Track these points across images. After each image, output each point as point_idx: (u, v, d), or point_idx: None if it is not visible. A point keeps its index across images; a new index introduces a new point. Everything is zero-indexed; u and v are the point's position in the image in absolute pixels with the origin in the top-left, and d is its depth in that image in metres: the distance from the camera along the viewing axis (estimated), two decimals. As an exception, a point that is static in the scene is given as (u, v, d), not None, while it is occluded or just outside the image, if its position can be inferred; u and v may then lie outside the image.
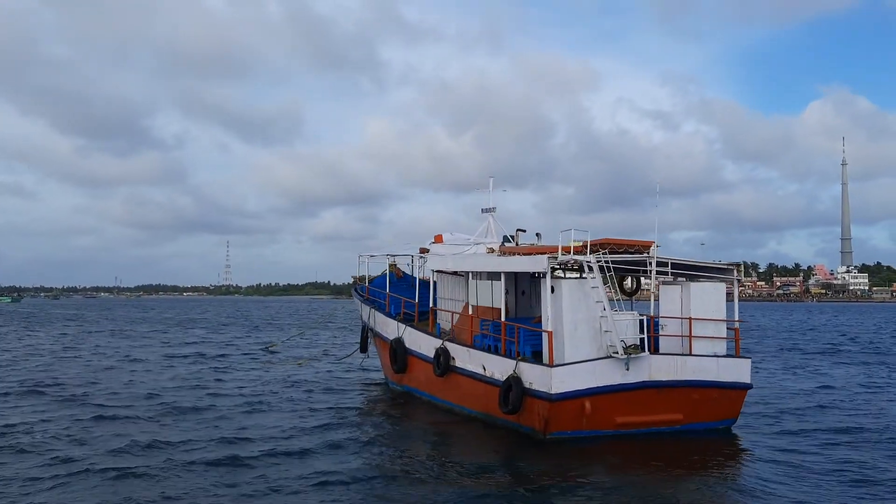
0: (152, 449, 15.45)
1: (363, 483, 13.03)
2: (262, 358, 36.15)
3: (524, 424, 17.09)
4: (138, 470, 13.61)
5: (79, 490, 12.39)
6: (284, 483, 12.85)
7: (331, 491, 12.47)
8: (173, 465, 14.03)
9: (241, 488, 12.53)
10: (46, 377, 27.26)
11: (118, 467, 13.78)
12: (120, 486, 12.58)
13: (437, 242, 24.61)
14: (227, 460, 14.42)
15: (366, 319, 26.83)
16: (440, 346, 20.70)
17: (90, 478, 13.10)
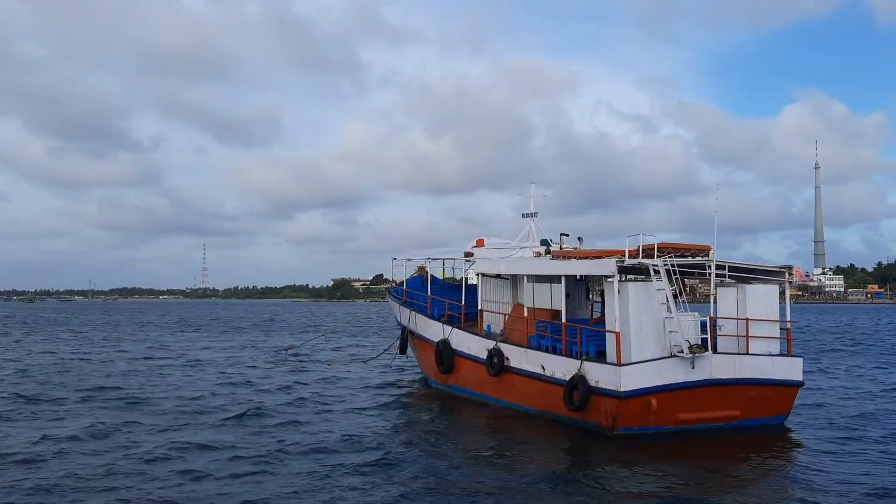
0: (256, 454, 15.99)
1: (440, 479, 13.49)
2: (289, 359, 36.55)
3: (589, 421, 17.81)
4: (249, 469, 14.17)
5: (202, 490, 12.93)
6: (368, 481, 13.27)
7: (407, 487, 12.86)
8: (284, 466, 14.59)
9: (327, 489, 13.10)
10: (123, 383, 26.92)
11: (236, 471, 14.32)
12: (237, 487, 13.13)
13: (478, 246, 25.32)
14: (310, 459, 14.98)
15: (405, 322, 27.42)
16: (493, 347, 21.39)
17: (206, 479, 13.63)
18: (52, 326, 76.12)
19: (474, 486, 12.95)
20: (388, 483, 13.11)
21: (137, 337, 57.39)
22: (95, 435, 17.11)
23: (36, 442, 16.31)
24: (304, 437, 17.19)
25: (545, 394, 19.40)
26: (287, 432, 17.74)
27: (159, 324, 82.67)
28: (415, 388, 26.35)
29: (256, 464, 14.46)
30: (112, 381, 27.32)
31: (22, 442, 16.39)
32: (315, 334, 54.38)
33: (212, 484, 12.96)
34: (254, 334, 60.88)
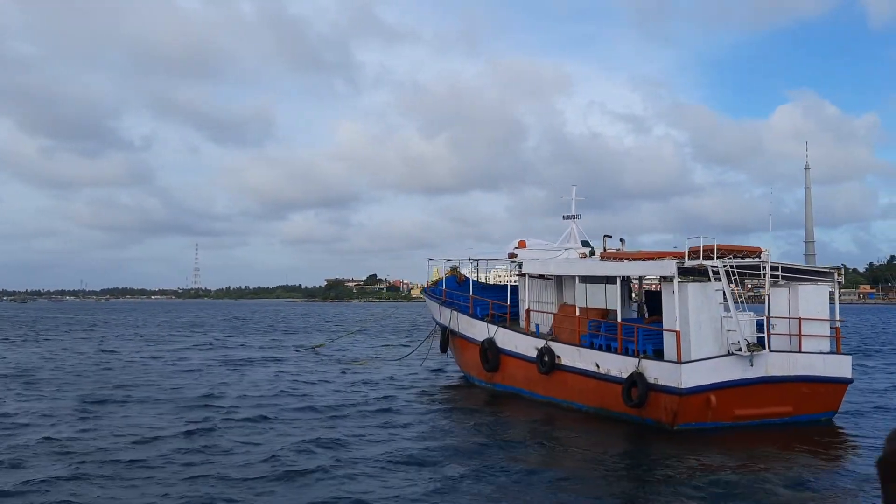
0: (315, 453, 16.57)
1: (507, 474, 13.98)
2: (318, 358, 37.07)
3: (648, 417, 18.47)
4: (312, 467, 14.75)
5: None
6: (440, 478, 13.68)
7: (474, 483, 13.30)
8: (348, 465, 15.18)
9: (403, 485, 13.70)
10: (170, 384, 26.92)
11: (297, 469, 14.90)
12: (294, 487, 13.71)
13: (520, 247, 25.96)
14: (383, 459, 15.57)
15: (445, 321, 28.00)
16: (543, 345, 22.02)
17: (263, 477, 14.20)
18: (82, 327, 76.20)
19: (540, 480, 13.54)
20: (459, 478, 13.62)
21: (178, 338, 57.77)
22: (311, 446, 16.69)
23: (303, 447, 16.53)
24: (371, 432, 17.78)
25: (599, 391, 20.06)
26: (357, 429, 18.30)
27: (173, 324, 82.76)
28: (457, 386, 26.95)
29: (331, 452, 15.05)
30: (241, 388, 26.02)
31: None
32: (335, 333, 54.85)
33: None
34: (276, 335, 61.10)
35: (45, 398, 22.95)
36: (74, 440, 16.51)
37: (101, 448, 15.68)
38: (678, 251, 19.92)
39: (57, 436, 16.94)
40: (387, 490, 12.73)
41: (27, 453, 15.19)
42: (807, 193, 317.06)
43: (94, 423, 18.70)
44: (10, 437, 16.79)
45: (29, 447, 15.75)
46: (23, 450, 15.49)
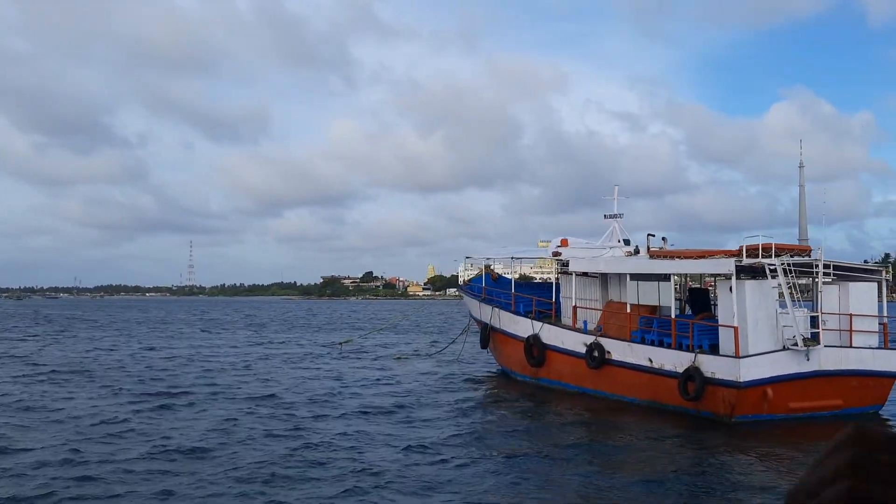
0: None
1: (569, 464, 14.58)
2: (350, 354, 37.65)
3: (704, 410, 19.14)
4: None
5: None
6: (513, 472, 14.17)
7: (539, 477, 13.76)
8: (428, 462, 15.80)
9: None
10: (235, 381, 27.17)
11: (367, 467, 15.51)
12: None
13: (563, 246, 26.60)
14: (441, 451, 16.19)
15: (486, 318, 28.62)
16: (593, 341, 22.67)
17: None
18: (105, 324, 76.45)
19: (602, 471, 14.18)
20: (519, 471, 14.16)
21: (205, 334, 58.16)
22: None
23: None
24: (422, 430, 18.40)
25: (652, 385, 20.72)
26: (403, 426, 18.92)
27: (189, 322, 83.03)
28: (498, 380, 27.57)
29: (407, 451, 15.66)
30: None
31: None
32: (357, 331, 55.41)
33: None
34: (301, 331, 61.43)
35: (152, 401, 22.10)
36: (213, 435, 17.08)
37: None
38: (730, 250, 20.60)
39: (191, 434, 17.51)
40: (455, 481, 13.35)
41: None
42: (801, 192, 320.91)
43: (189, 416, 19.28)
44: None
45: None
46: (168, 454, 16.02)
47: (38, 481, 12.76)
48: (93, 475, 13.21)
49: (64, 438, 16.34)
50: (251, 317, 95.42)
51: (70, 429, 17.50)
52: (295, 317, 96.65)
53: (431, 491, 12.60)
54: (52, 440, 16.17)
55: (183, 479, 12.99)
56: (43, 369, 29.79)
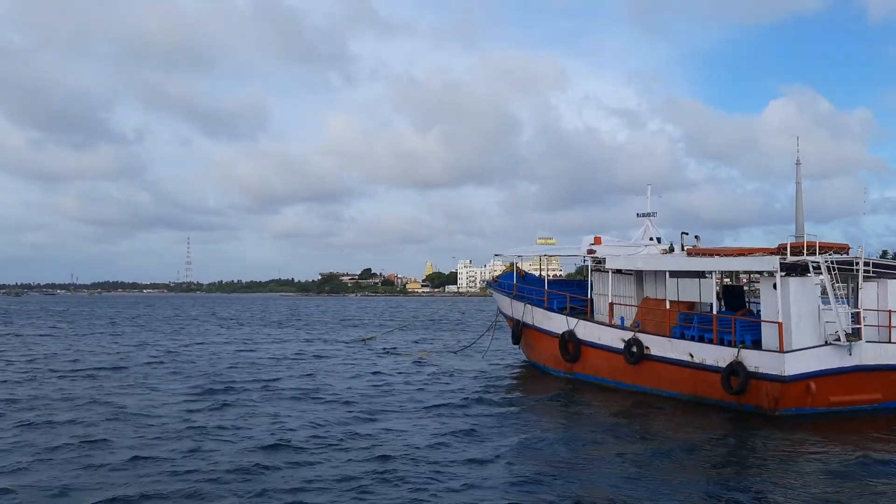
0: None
1: (619, 458, 15.00)
2: (380, 349, 38.13)
3: (748, 403, 19.69)
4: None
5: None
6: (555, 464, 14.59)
7: (590, 472, 14.05)
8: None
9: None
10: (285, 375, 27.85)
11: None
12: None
13: (596, 244, 27.11)
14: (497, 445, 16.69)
15: (518, 315, 29.13)
16: (631, 337, 23.20)
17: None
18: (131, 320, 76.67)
19: (649, 462, 14.73)
20: (565, 464, 14.61)
21: (237, 331, 58.49)
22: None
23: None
24: (478, 422, 18.94)
25: (693, 379, 21.26)
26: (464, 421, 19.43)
27: (206, 319, 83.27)
28: (531, 375, 28.07)
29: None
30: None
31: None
32: (375, 329, 55.84)
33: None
34: (322, 329, 61.71)
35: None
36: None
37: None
38: (769, 248, 21.12)
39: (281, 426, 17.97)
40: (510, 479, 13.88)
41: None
42: (797, 189, 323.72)
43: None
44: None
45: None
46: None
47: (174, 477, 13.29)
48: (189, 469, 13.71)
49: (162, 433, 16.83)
50: (264, 314, 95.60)
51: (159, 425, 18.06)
52: (306, 314, 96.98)
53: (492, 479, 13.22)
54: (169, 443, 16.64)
55: (288, 474, 13.52)
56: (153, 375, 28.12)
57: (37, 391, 23.28)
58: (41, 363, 31.71)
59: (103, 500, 11.78)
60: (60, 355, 35.47)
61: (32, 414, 19.21)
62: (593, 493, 12.68)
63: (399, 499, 12.14)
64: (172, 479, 13.02)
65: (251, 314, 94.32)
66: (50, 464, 14.09)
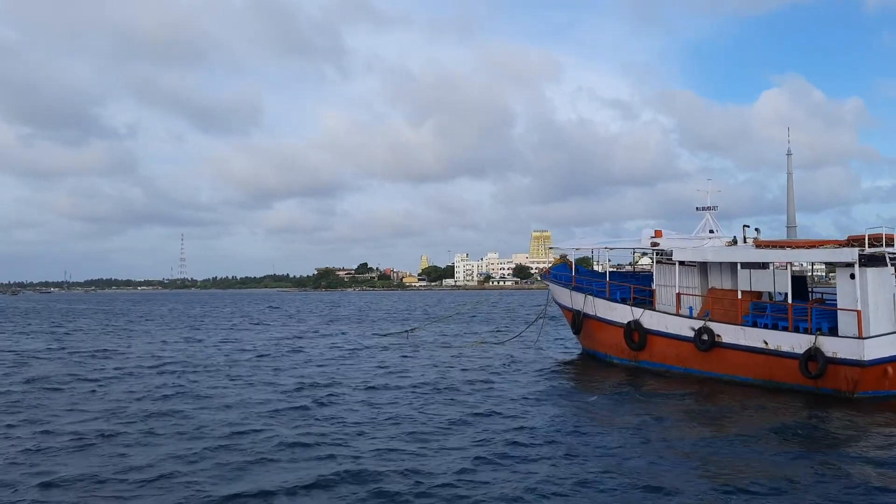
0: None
1: (698, 442, 15.91)
2: (429, 343, 39.18)
3: (825, 387, 20.87)
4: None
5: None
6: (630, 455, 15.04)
7: (668, 458, 14.52)
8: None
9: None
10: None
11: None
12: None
13: (657, 237, 28.21)
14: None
15: (578, 305, 30.22)
16: (702, 325, 24.33)
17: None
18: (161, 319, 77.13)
19: (744, 439, 15.90)
20: (662, 442, 15.76)
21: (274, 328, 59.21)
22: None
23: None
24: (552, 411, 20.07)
25: (768, 365, 22.42)
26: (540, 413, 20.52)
27: (219, 315, 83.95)
28: (592, 364, 29.18)
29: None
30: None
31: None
32: (408, 323, 56.89)
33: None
34: (347, 324, 62.55)
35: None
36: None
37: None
38: (839, 239, 22.31)
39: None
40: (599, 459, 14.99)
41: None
42: (788, 179, 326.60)
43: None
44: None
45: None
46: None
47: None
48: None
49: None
50: (281, 310, 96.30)
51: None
52: (320, 308, 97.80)
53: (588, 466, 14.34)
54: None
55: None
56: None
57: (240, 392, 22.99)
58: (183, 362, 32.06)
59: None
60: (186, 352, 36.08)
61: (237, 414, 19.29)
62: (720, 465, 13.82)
63: (569, 477, 13.23)
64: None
65: (267, 309, 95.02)
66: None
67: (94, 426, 17.43)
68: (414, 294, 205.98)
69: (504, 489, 12.25)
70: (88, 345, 40.66)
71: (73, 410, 19.69)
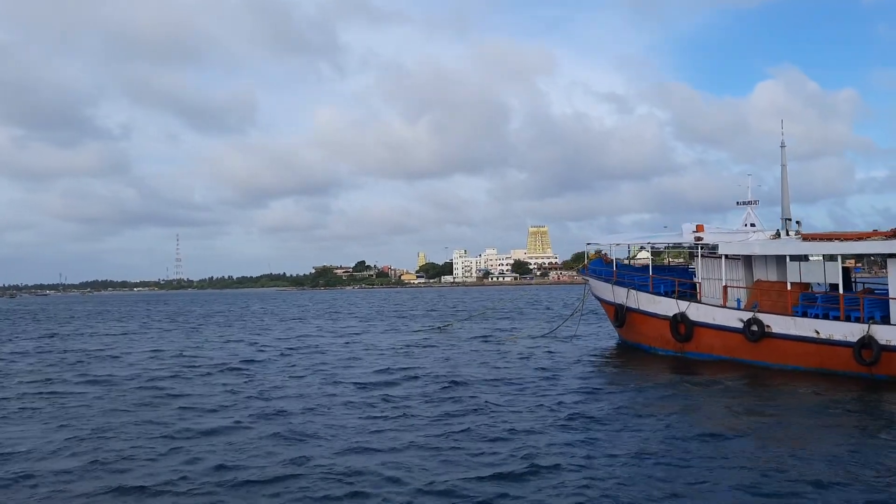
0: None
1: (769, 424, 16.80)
2: (468, 338, 39.97)
3: (879, 373, 21.75)
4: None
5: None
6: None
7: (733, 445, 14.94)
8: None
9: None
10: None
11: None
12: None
13: (699, 231, 29.05)
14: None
15: (620, 299, 31.06)
16: (751, 317, 25.19)
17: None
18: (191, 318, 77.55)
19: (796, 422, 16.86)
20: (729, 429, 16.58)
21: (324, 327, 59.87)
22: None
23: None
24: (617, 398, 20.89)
25: (820, 353, 23.30)
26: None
27: (236, 313, 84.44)
28: (636, 356, 30.00)
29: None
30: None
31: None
32: (433, 319, 57.71)
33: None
34: (373, 321, 63.03)
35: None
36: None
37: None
38: (886, 231, 23.18)
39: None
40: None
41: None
42: (783, 171, 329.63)
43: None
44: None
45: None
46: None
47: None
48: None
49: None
50: (303, 308, 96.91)
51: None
52: (339, 307, 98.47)
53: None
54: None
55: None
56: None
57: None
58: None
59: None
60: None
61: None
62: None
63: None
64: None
65: (295, 309, 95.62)
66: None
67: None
68: (416, 292, 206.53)
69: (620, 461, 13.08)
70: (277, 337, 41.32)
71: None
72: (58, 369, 30.26)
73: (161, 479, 12.99)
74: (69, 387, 24.91)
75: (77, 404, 21.12)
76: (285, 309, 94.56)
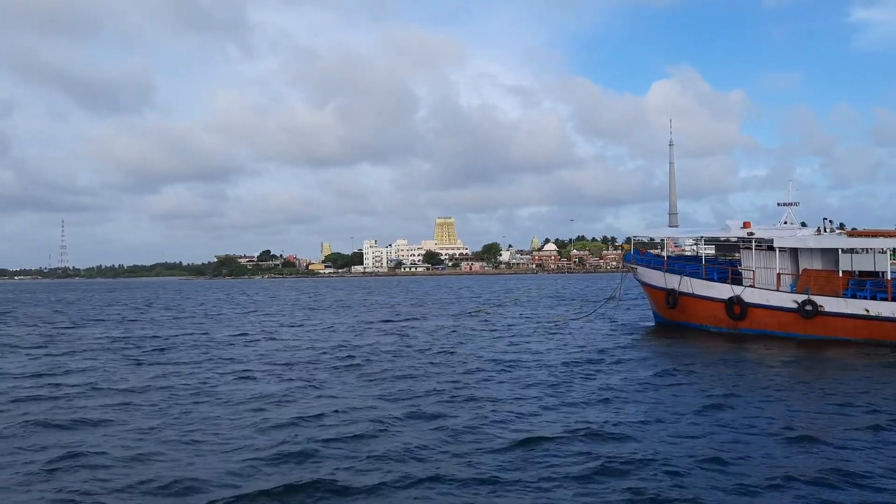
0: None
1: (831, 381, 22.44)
2: (509, 325, 43.71)
3: (919, 343, 27.57)
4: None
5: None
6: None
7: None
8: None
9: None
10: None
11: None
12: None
13: (746, 227, 34.29)
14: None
15: (672, 285, 35.89)
16: (805, 298, 30.57)
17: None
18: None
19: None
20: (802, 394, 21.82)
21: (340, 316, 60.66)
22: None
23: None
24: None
25: (868, 328, 28.93)
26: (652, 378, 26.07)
27: (246, 302, 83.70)
28: (689, 333, 34.89)
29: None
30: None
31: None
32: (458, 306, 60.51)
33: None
34: (372, 312, 65.12)
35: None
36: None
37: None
38: (921, 229, 29.07)
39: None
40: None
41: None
42: (671, 168, 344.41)
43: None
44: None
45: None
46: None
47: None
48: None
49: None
50: (250, 300, 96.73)
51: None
52: (286, 297, 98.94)
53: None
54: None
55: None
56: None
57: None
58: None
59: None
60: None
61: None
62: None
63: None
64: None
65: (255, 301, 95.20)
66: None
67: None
68: (334, 282, 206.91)
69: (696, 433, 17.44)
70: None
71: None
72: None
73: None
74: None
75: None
76: (236, 302, 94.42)
